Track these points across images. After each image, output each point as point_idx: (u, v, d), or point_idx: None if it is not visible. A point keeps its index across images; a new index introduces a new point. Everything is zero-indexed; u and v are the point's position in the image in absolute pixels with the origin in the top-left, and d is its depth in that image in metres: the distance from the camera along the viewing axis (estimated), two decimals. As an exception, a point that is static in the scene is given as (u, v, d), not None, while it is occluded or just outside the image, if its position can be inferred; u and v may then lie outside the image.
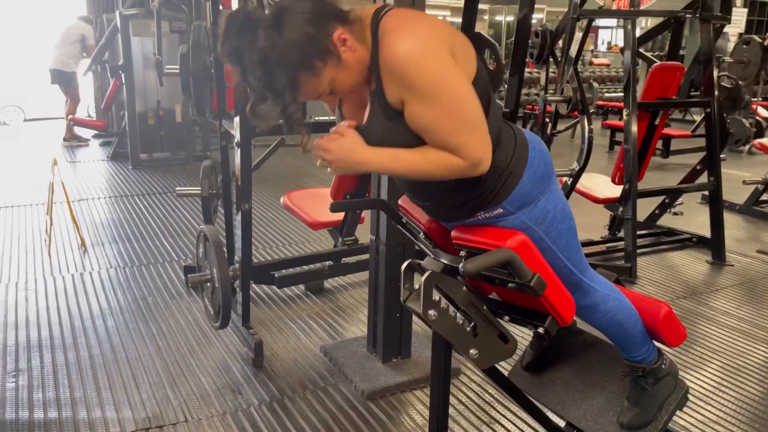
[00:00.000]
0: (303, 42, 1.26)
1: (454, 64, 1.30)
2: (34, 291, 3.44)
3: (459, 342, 1.64)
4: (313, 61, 1.28)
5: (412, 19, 1.33)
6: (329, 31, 1.28)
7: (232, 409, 2.38)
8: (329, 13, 1.30)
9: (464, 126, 1.32)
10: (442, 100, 1.29)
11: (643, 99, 3.90)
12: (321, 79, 1.31)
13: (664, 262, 4.16)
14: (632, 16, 3.62)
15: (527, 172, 1.47)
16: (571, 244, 1.59)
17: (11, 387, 2.50)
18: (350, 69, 1.33)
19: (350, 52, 1.32)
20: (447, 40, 1.31)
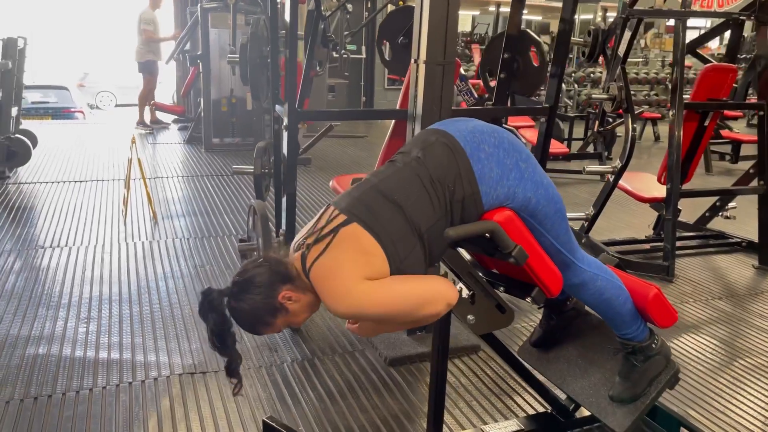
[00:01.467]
0: (255, 309, 1.57)
1: (372, 288, 1.51)
2: (109, 254, 3.85)
3: (457, 307, 1.82)
4: (266, 318, 1.59)
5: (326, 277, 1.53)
6: (275, 296, 1.56)
7: (267, 364, 2.66)
8: (277, 279, 1.57)
9: (414, 311, 1.56)
10: (387, 316, 1.59)
11: (692, 100, 3.91)
12: (276, 326, 1.62)
13: (708, 264, 4.15)
14: (683, 16, 3.64)
15: (481, 185, 1.60)
16: (558, 226, 1.74)
17: (82, 331, 2.88)
18: (299, 312, 1.62)
19: (295, 303, 1.59)
20: (355, 274, 1.51)
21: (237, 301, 1.57)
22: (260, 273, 1.59)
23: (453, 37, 2.55)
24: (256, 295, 1.57)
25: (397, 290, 1.55)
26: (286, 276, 1.59)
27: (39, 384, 2.44)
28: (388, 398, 2.46)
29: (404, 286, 1.56)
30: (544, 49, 3.51)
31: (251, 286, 1.58)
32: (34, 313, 3.03)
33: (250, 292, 1.57)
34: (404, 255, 1.56)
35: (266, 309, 1.58)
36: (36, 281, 3.41)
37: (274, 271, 1.59)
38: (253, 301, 1.57)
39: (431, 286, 1.58)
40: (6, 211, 4.66)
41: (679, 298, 3.54)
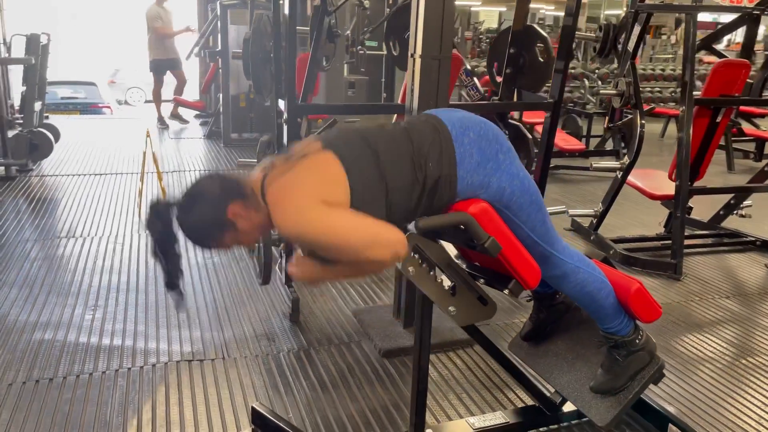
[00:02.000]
0: (203, 222, 1.57)
1: (326, 212, 1.52)
2: (121, 244, 3.95)
3: (437, 298, 1.84)
4: (213, 233, 1.59)
5: (282, 193, 1.55)
6: (224, 210, 1.56)
7: (264, 353, 2.71)
8: (226, 194, 1.58)
9: (361, 249, 1.53)
10: (333, 244, 1.54)
11: (704, 96, 3.86)
12: (224, 242, 1.62)
13: (720, 262, 4.09)
14: (693, 11, 3.59)
15: (460, 169, 1.63)
16: (534, 217, 1.75)
17: (89, 318, 2.97)
18: (249, 231, 1.62)
19: (246, 221, 1.59)
20: (313, 195, 1.53)
21: (186, 213, 1.57)
22: (211, 186, 1.59)
23: (449, 31, 2.56)
24: (204, 208, 1.56)
25: (349, 222, 1.54)
26: (238, 191, 1.59)
27: (42, 368, 2.52)
28: (380, 389, 2.49)
29: (358, 221, 1.55)
30: (551, 44, 3.49)
31: (201, 198, 1.57)
32: (44, 300, 3.13)
33: (199, 204, 1.57)
34: (368, 199, 1.57)
35: (214, 223, 1.57)
36: (49, 270, 3.52)
37: (226, 185, 1.60)
38: (202, 213, 1.56)
39: (385, 231, 1.56)
40: (28, 202, 4.81)
41: (685, 297, 3.49)
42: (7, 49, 6.16)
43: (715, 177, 6.57)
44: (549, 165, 3.49)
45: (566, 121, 7.14)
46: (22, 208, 4.67)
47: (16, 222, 4.34)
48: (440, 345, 2.82)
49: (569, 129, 6.95)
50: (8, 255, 3.72)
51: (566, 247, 1.89)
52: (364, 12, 8.68)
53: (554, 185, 6.03)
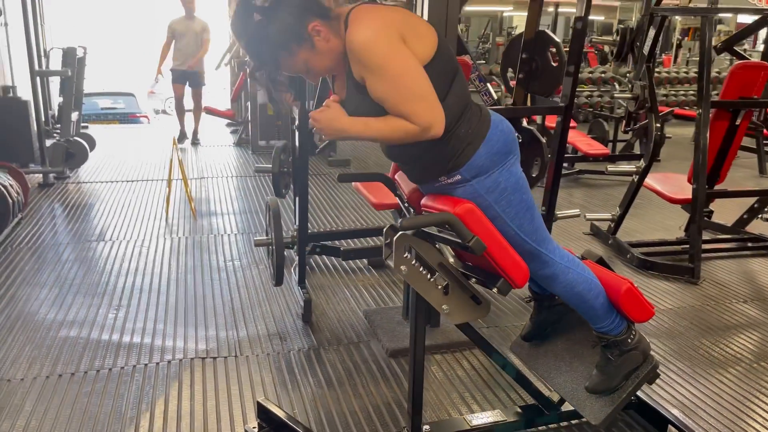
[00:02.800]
0: (283, 29, 1.59)
1: (400, 46, 1.56)
2: (147, 248, 4.11)
3: (430, 297, 1.90)
4: (289, 44, 1.62)
5: (370, 12, 1.62)
6: (306, 22, 1.60)
7: (275, 352, 2.81)
8: (310, 8, 1.61)
9: (410, 96, 1.57)
10: (388, 75, 1.56)
11: (722, 98, 3.82)
12: (296, 60, 1.64)
13: (741, 267, 4.03)
14: (708, 13, 3.56)
15: (484, 146, 1.71)
16: (523, 216, 1.80)
17: (111, 317, 3.11)
18: (323, 54, 1.65)
19: (323, 41, 1.63)
20: (397, 27, 1.58)
21: (269, 17, 1.58)
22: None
23: (453, 37, 2.63)
24: (287, 15, 1.58)
25: (416, 68, 1.56)
26: (323, 10, 1.62)
27: (65, 363, 2.67)
28: (384, 387, 2.55)
29: (422, 74, 1.57)
30: (563, 49, 3.52)
31: (287, 4, 1.59)
32: (71, 299, 3.29)
33: (284, 10, 1.58)
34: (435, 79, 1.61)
35: (293, 33, 1.59)
36: (78, 271, 3.68)
37: (312, 1, 1.61)
38: (283, 20, 1.58)
39: (436, 100, 1.60)
40: (64, 208, 5.03)
41: (702, 301, 3.46)
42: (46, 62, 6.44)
43: (746, 180, 6.45)
44: (561, 169, 3.51)
45: (593, 125, 7.09)
46: (57, 213, 4.89)
47: (52, 226, 4.55)
48: (447, 345, 2.87)
49: (595, 134, 6.90)
50: (42, 257, 3.91)
51: (556, 248, 1.93)
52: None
53: (578, 189, 6.01)
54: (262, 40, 1.61)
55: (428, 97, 1.60)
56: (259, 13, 1.60)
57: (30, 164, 5.68)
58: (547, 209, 3.55)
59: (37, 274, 3.62)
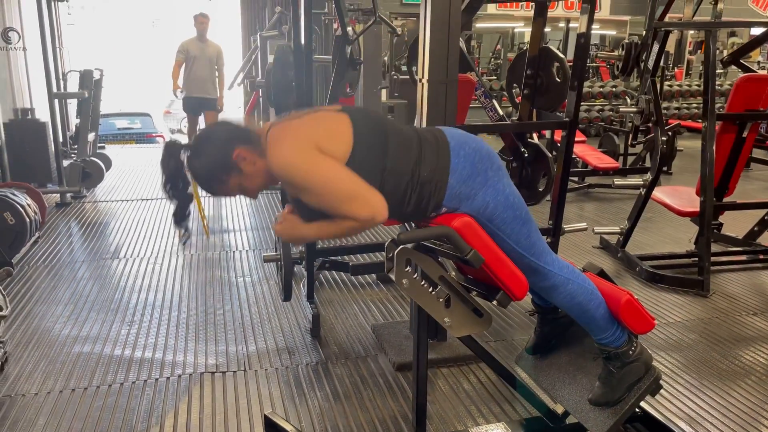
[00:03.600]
0: (209, 162, 1.69)
1: (318, 158, 1.62)
2: (160, 265, 4.18)
3: (432, 310, 1.93)
4: (220, 175, 1.71)
5: (283, 132, 1.67)
6: (230, 151, 1.68)
7: (283, 366, 2.84)
8: (233, 137, 1.70)
9: (342, 200, 1.64)
10: (315, 189, 1.64)
11: (728, 111, 3.83)
12: (230, 186, 1.73)
13: (751, 279, 4.01)
14: (711, 27, 3.59)
15: (452, 177, 1.74)
16: (519, 231, 1.82)
17: (124, 333, 3.17)
18: (253, 176, 1.72)
19: (249, 164, 1.70)
20: (311, 139, 1.64)
21: (195, 155, 1.69)
22: (218, 131, 1.72)
23: (455, 56, 2.68)
24: (211, 150, 1.68)
25: (337, 172, 1.63)
26: (244, 137, 1.70)
27: (78, 377, 2.72)
28: (390, 400, 2.58)
29: (345, 174, 1.64)
30: (566, 64, 3.56)
31: (208, 141, 1.70)
32: (86, 316, 3.36)
33: (208, 146, 1.69)
34: (364, 166, 1.66)
35: (220, 165, 1.68)
36: (93, 288, 3.76)
37: (233, 130, 1.72)
38: (209, 155, 1.68)
39: (368, 191, 1.65)
40: (80, 226, 5.13)
41: (710, 313, 3.45)
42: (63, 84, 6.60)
43: (759, 193, 6.41)
44: (567, 183, 3.53)
45: (603, 139, 7.11)
46: (73, 232, 4.99)
47: (68, 245, 4.65)
48: (453, 359, 2.89)
49: (606, 147, 6.91)
50: (58, 275, 4.00)
51: (556, 260, 1.95)
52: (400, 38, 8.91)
53: (589, 203, 6.02)
54: (194, 176, 1.71)
55: (359, 194, 1.65)
56: (185, 151, 1.70)
57: (48, 184, 5.81)
58: (554, 223, 3.57)
59: (53, 292, 3.70)
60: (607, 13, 12.01)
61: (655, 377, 2.04)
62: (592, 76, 11.11)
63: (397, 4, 10.45)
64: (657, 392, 2.08)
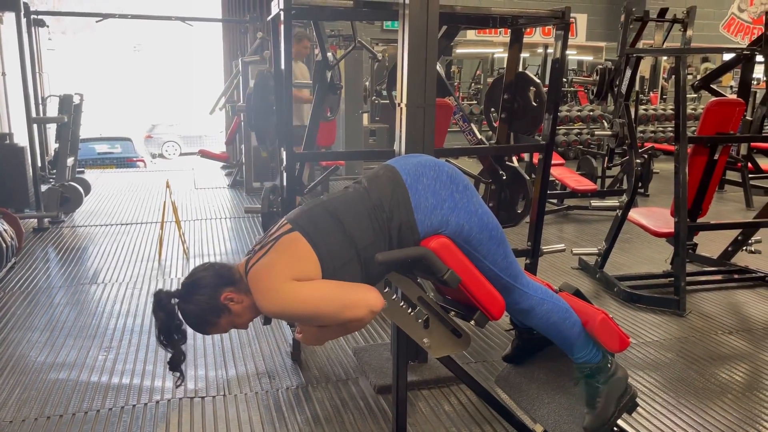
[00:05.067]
0: (199, 310, 1.75)
1: (299, 288, 1.68)
2: (139, 289, 4.15)
3: (411, 331, 1.94)
4: (209, 318, 1.77)
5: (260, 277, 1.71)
6: (218, 296, 1.75)
7: (263, 391, 2.83)
8: (218, 282, 1.76)
9: (336, 313, 1.70)
10: (311, 315, 1.72)
11: (699, 134, 3.92)
12: (221, 325, 1.80)
13: (727, 298, 4.07)
14: (681, 53, 3.70)
15: (416, 214, 1.77)
16: (495, 252, 1.85)
17: (101, 359, 3.13)
18: (242, 313, 1.79)
19: (238, 304, 1.77)
20: (286, 273, 1.69)
21: (184, 302, 1.75)
22: (205, 276, 1.77)
23: (432, 81, 2.72)
24: (200, 296, 1.74)
25: (321, 291, 1.69)
26: (229, 279, 1.77)
27: (54, 405, 2.68)
28: (371, 423, 2.57)
29: (328, 289, 1.70)
30: (542, 89, 3.63)
31: (197, 287, 1.75)
32: (62, 342, 3.32)
33: (196, 293, 1.75)
34: (338, 265, 1.71)
35: (210, 309, 1.75)
36: (70, 314, 3.71)
37: (218, 274, 1.77)
38: (198, 301, 1.74)
39: (355, 292, 1.71)
40: (57, 251, 5.08)
41: (687, 333, 3.50)
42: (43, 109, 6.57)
43: (732, 214, 6.54)
44: (545, 205, 3.58)
45: (581, 162, 7.22)
46: (51, 257, 4.93)
47: (45, 270, 4.59)
48: (434, 381, 2.89)
49: (584, 170, 7.02)
50: (35, 300, 3.95)
51: (530, 282, 1.98)
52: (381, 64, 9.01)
53: (568, 225, 6.09)
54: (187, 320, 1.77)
55: (349, 300, 1.70)
56: (175, 298, 1.76)
57: (25, 209, 5.76)
58: (533, 244, 3.62)
59: (29, 318, 3.65)
60: (583, 40, 12.28)
61: (632, 395, 2.06)
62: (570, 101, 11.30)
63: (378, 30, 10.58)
64: (633, 410, 2.10)
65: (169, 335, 1.76)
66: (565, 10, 3.20)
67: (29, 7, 7.09)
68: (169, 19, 8.23)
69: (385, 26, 10.79)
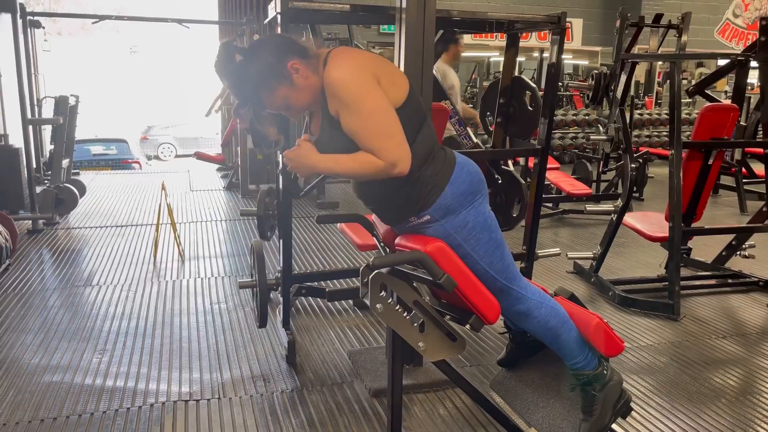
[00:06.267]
0: (263, 67, 1.72)
1: (375, 86, 1.67)
2: (134, 292, 4.14)
3: (406, 335, 1.95)
4: (270, 82, 1.72)
5: (348, 53, 1.75)
6: (285, 61, 1.72)
7: (258, 394, 2.82)
8: (289, 49, 1.74)
9: (380, 132, 1.67)
10: (361, 111, 1.67)
11: (694, 139, 3.94)
12: (276, 96, 1.75)
13: (720, 303, 4.09)
14: (676, 59, 3.72)
15: (449, 187, 1.80)
16: (493, 254, 1.86)
17: (96, 361, 3.12)
18: (301, 91, 1.75)
19: (302, 78, 1.74)
20: (373, 69, 1.70)
21: (249, 57, 1.71)
22: (278, 39, 1.75)
23: (428, 85, 2.73)
24: (267, 55, 1.70)
25: (386, 108, 1.67)
26: (301, 50, 1.73)
27: (47, 408, 2.67)
28: (366, 427, 2.57)
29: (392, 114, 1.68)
30: (538, 93, 3.64)
31: (267, 45, 1.73)
32: (56, 344, 3.31)
33: (264, 52, 1.71)
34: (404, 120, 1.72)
35: (273, 71, 1.70)
36: (64, 316, 3.70)
37: (291, 42, 1.74)
38: (264, 59, 1.70)
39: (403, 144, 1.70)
40: (51, 253, 5.06)
41: (682, 337, 3.51)
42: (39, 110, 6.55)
43: (727, 218, 6.56)
44: (540, 209, 3.60)
45: (577, 166, 7.24)
46: (45, 259, 4.92)
47: (39, 272, 4.58)
48: (430, 384, 2.89)
49: (579, 174, 7.03)
50: (29, 303, 3.93)
51: (528, 285, 1.99)
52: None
53: (564, 229, 6.11)
54: (244, 79, 1.72)
55: (396, 136, 1.69)
56: (240, 54, 1.73)
57: (20, 210, 5.74)
58: (528, 248, 3.63)
59: (23, 320, 3.64)
60: (579, 44, 12.33)
61: (626, 399, 2.07)
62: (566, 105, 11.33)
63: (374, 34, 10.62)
64: (628, 414, 2.11)
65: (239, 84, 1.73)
66: (560, 15, 3.22)
67: (25, 8, 7.08)
68: (165, 21, 8.21)
69: (382, 29, 10.81)
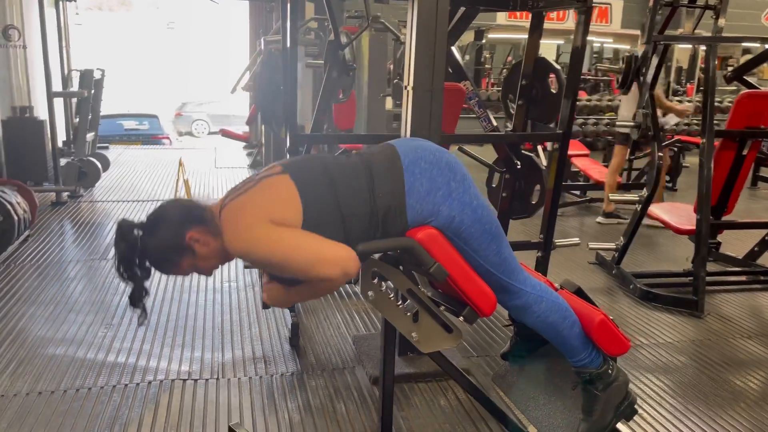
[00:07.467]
0: (162, 246, 1.63)
1: (274, 232, 1.57)
2: (147, 267, 4.13)
3: (399, 324, 1.86)
4: (171, 257, 1.64)
5: (235, 214, 1.61)
6: (183, 235, 1.62)
7: (257, 376, 2.78)
8: (186, 219, 1.64)
9: (309, 266, 1.57)
10: (279, 263, 1.59)
11: (728, 128, 3.74)
12: (182, 267, 1.67)
13: (748, 301, 3.90)
14: (711, 41, 3.51)
15: (408, 198, 1.66)
16: (487, 247, 1.74)
17: (101, 335, 3.12)
18: (207, 257, 1.66)
19: (203, 246, 1.64)
20: (264, 214, 1.58)
21: (147, 235, 1.63)
22: (172, 211, 1.66)
23: (441, 64, 2.61)
24: (164, 232, 1.62)
25: (295, 240, 1.58)
26: (198, 218, 1.65)
27: (46, 380, 2.67)
28: (363, 414, 2.50)
29: (304, 240, 1.58)
30: (562, 75, 3.48)
31: (162, 222, 1.64)
32: (64, 317, 3.32)
33: (160, 228, 1.63)
34: (322, 222, 1.61)
35: (173, 247, 1.62)
36: (77, 289, 3.72)
37: (187, 210, 1.66)
38: (162, 237, 1.62)
39: (332, 249, 1.59)
40: (73, 226, 5.11)
41: (704, 335, 3.35)
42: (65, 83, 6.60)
43: (764, 212, 6.29)
44: (559, 196, 3.45)
45: (608, 153, 7.01)
46: (66, 231, 4.96)
47: (59, 244, 4.62)
48: (432, 374, 2.81)
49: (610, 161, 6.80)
50: (44, 274, 3.96)
51: (527, 278, 1.87)
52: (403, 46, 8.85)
53: (590, 217, 5.92)
54: (146, 255, 1.64)
55: (323, 255, 1.58)
56: (138, 229, 1.64)
57: (44, 183, 5.80)
58: (545, 237, 3.49)
59: (35, 291, 3.66)
60: (619, 27, 11.93)
61: (631, 401, 1.95)
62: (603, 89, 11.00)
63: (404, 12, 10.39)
64: (632, 417, 1.99)
65: (129, 267, 1.64)
66: (586, -8, 3.04)
67: (56, -19, 7.11)
68: (195, -4, 8.16)
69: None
